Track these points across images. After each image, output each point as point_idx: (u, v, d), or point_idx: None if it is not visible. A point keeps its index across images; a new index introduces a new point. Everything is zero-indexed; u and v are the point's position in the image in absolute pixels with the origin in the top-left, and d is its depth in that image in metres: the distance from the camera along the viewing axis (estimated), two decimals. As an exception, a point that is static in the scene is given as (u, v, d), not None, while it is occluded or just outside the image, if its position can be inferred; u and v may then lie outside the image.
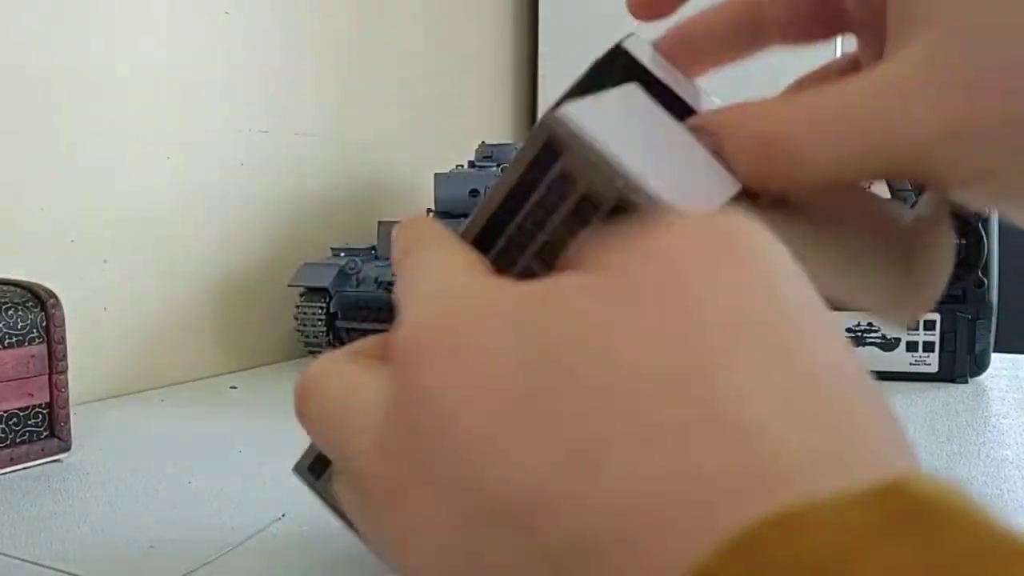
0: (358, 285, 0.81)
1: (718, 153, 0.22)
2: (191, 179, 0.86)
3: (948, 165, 0.20)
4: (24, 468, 0.54)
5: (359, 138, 1.09)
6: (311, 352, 0.84)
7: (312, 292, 0.82)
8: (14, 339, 0.54)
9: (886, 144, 0.20)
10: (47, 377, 0.56)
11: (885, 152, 0.20)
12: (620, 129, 0.20)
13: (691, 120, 0.23)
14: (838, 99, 0.21)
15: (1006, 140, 0.19)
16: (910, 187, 0.44)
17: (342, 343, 0.83)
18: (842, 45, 0.29)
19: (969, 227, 0.73)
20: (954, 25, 0.19)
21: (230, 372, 0.87)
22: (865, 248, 0.23)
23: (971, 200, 0.22)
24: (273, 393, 0.78)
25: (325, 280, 0.81)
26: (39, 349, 0.55)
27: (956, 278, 0.71)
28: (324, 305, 0.81)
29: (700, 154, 0.22)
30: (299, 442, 0.26)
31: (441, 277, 0.20)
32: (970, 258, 0.73)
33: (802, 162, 0.21)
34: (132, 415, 0.70)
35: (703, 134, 0.22)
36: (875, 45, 0.23)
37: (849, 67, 0.26)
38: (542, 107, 1.41)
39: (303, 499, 0.28)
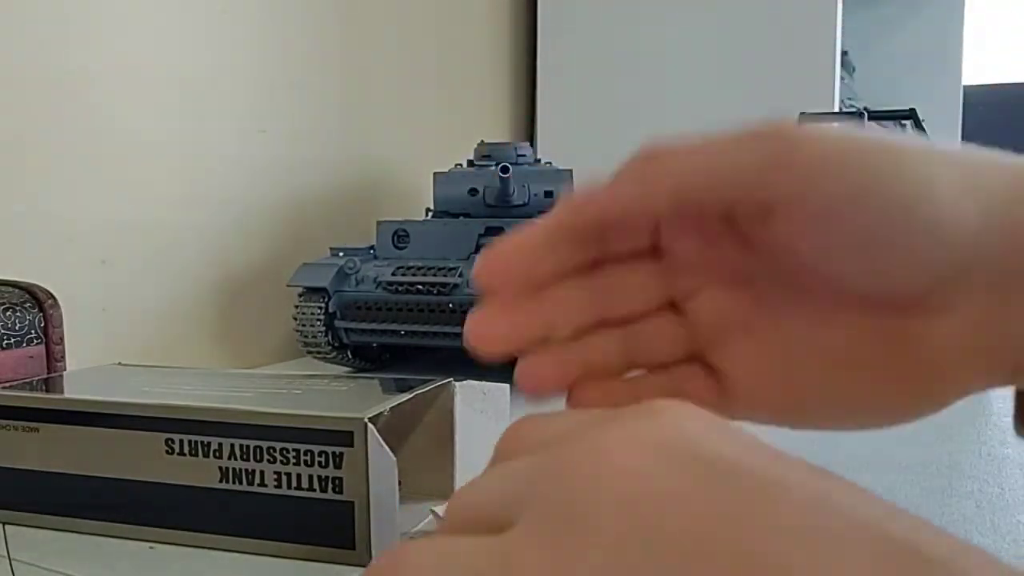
0: (357, 285, 0.81)
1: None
2: (190, 179, 0.86)
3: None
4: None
5: (358, 138, 1.09)
6: (310, 352, 0.84)
7: (311, 292, 0.82)
8: (12, 340, 0.53)
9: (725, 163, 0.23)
10: (45, 378, 0.56)
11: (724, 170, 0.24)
12: None
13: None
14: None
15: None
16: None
17: (341, 343, 0.83)
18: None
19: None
20: None
21: (229, 372, 0.87)
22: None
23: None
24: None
25: (324, 280, 0.81)
26: (37, 350, 0.55)
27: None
28: (323, 305, 0.81)
29: None
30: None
31: None
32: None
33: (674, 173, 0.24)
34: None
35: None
36: None
37: None
38: (541, 106, 1.41)
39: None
